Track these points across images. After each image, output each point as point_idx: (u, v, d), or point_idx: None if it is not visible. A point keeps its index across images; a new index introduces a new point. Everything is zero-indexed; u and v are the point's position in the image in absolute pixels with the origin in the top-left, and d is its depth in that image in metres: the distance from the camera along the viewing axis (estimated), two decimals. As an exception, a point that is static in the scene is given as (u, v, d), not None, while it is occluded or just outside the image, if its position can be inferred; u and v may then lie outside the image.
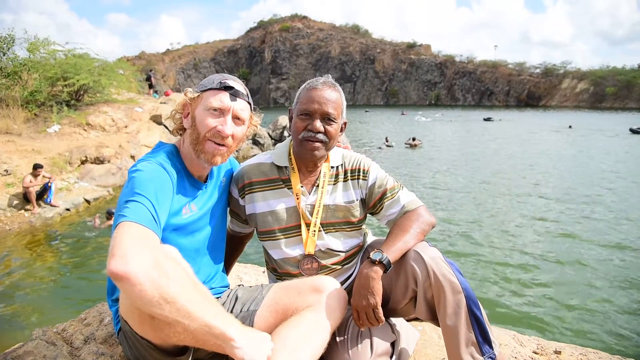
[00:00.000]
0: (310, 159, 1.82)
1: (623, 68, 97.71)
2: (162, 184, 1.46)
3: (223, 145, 1.65)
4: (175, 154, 1.67)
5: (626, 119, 50.89)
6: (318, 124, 1.76)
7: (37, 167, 10.07)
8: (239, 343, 1.27)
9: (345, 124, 1.91)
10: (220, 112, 1.63)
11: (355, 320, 1.63)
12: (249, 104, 1.75)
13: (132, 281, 1.12)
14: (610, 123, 45.20)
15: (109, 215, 9.52)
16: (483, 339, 1.54)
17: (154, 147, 1.69)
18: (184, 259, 1.39)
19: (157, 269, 1.16)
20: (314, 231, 1.82)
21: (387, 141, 24.87)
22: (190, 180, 1.67)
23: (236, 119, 1.67)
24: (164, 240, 1.50)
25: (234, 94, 1.64)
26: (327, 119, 1.78)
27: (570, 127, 39.99)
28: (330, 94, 1.79)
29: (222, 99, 1.62)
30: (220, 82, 1.63)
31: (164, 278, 1.16)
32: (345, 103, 1.87)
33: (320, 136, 1.77)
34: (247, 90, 1.76)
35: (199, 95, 1.64)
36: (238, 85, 1.69)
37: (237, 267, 3.31)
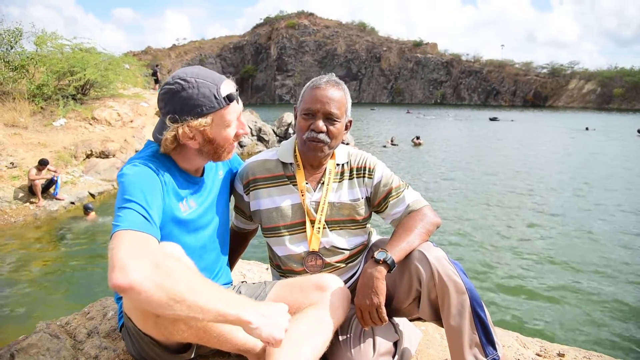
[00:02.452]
0: (314, 158, 1.81)
1: (631, 69, 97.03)
2: (148, 184, 1.43)
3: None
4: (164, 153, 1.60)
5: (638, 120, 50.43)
6: (321, 124, 1.75)
7: (42, 162, 10.12)
8: (255, 324, 1.27)
9: (350, 122, 1.89)
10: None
11: (358, 319, 1.63)
12: None
13: (137, 290, 1.11)
14: (627, 124, 44.34)
15: (86, 210, 9.62)
16: (487, 341, 1.53)
17: (143, 147, 1.64)
18: (186, 256, 1.39)
19: (159, 272, 1.15)
20: (319, 228, 1.81)
21: (392, 141, 24.80)
22: (183, 176, 1.63)
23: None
24: (167, 237, 1.50)
25: (237, 97, 1.59)
26: (330, 118, 1.76)
27: (587, 129, 38.07)
28: (334, 93, 1.76)
29: (234, 110, 1.57)
30: (227, 98, 1.52)
31: (167, 280, 1.15)
32: (350, 101, 1.85)
33: (323, 136, 1.75)
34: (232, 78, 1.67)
35: (207, 120, 1.51)
36: (233, 86, 1.59)
37: (241, 264, 3.31)
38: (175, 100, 1.47)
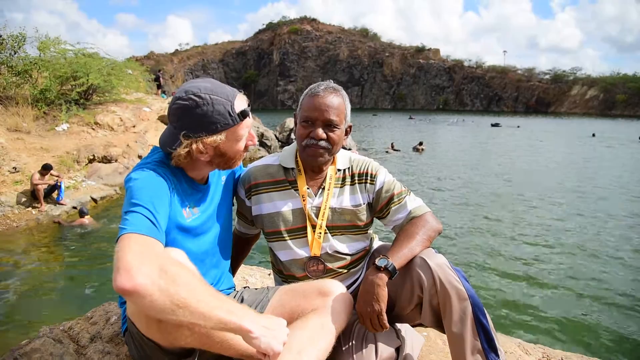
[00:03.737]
0: (315, 164, 1.83)
1: (634, 75, 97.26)
2: (156, 189, 1.44)
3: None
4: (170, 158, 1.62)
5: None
6: (320, 132, 1.76)
7: (45, 167, 10.15)
8: (255, 333, 1.28)
9: (350, 127, 1.91)
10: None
11: (360, 324, 1.64)
12: None
13: (141, 294, 1.12)
14: (631, 130, 43.88)
15: (81, 214, 9.69)
16: (489, 347, 1.54)
17: (149, 153, 1.67)
18: (190, 262, 1.40)
19: (164, 277, 1.16)
20: (320, 233, 1.82)
21: (392, 147, 24.76)
22: (189, 183, 1.64)
23: None
24: (171, 244, 1.51)
25: (249, 112, 1.60)
26: (329, 125, 1.77)
27: (593, 135, 37.42)
28: (333, 100, 1.77)
29: (247, 125, 1.59)
30: (240, 115, 1.53)
31: (171, 285, 1.16)
32: (349, 107, 1.86)
33: (323, 143, 1.77)
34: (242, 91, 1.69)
35: (221, 137, 1.53)
36: (245, 102, 1.61)
37: (243, 269, 3.31)
38: (189, 117, 1.49)
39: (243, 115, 1.54)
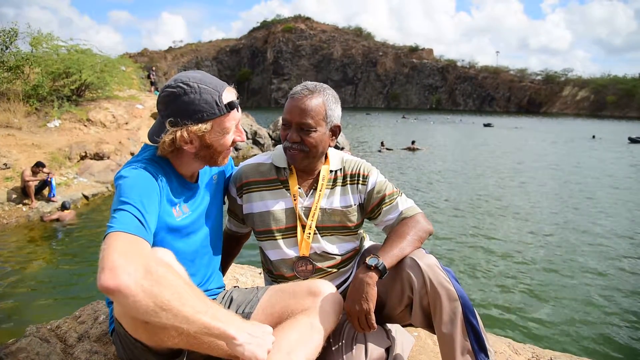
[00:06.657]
0: (298, 165, 1.82)
1: (624, 77, 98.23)
2: (146, 187, 1.43)
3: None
4: (161, 156, 1.60)
5: (630, 127, 50.58)
6: (294, 135, 1.75)
7: (38, 164, 10.07)
8: (239, 340, 1.27)
9: (338, 127, 1.85)
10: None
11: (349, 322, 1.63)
12: None
13: (125, 293, 1.10)
14: (624, 131, 43.71)
15: (63, 208, 9.73)
16: (479, 347, 1.54)
17: (140, 150, 1.65)
18: (177, 262, 1.39)
19: (148, 278, 1.14)
20: (309, 233, 1.81)
21: (383, 145, 24.70)
22: (179, 181, 1.63)
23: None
24: (160, 243, 1.49)
25: (237, 105, 1.59)
26: (303, 129, 1.74)
27: (593, 137, 36.03)
28: (308, 102, 1.73)
29: (234, 117, 1.57)
30: (228, 106, 1.52)
31: (156, 286, 1.14)
32: (333, 107, 1.79)
33: (297, 146, 1.75)
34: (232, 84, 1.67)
35: (206, 127, 1.52)
36: (234, 94, 1.60)
37: (234, 268, 3.30)
38: (176, 104, 1.48)
39: (230, 106, 1.53)
